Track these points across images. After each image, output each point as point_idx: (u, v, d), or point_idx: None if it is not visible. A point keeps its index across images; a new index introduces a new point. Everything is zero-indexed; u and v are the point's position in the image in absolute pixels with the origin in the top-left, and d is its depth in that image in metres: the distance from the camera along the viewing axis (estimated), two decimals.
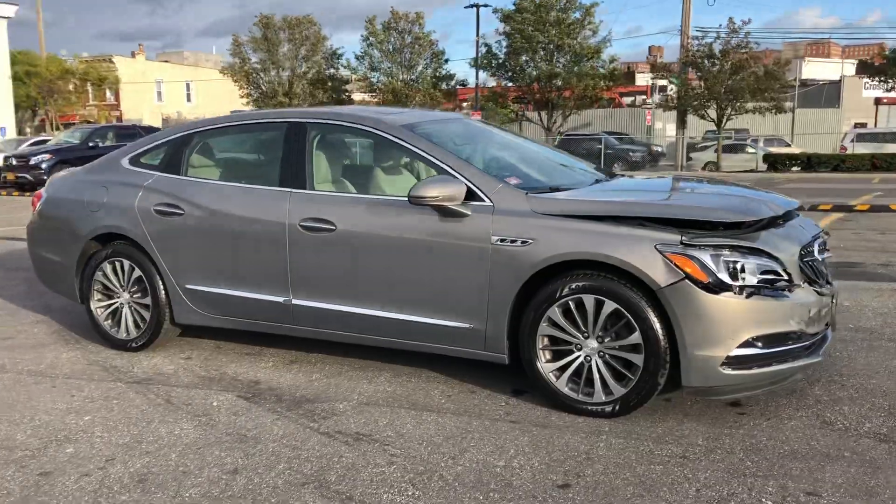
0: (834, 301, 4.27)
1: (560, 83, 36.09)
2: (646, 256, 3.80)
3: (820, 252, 4.29)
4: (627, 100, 59.66)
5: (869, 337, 5.40)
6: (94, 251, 5.37)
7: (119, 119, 60.74)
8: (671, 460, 3.51)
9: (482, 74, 41.30)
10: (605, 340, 3.94)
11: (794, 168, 29.75)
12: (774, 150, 33.07)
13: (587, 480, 3.33)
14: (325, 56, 41.92)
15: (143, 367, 5.01)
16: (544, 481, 3.32)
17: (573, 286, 3.95)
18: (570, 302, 3.97)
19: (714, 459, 3.51)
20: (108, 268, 5.29)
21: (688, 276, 3.74)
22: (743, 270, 3.77)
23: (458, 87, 42.87)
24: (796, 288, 3.91)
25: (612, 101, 46.27)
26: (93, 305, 5.41)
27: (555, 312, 4.01)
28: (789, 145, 35.25)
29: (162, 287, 5.12)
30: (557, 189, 4.46)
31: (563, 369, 4.06)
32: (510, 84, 38.58)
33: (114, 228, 5.24)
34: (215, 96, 62.56)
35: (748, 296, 3.75)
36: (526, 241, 4.05)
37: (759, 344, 3.82)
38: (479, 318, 4.20)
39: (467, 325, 4.24)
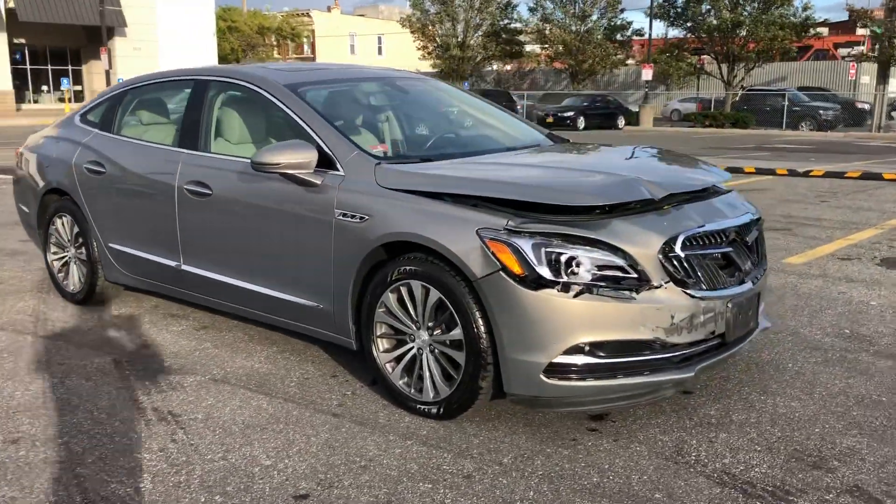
0: (738, 306, 3.49)
1: (745, 33, 33.37)
2: (466, 242, 3.29)
3: (730, 244, 3.53)
4: (843, 51, 54.08)
5: (831, 351, 4.46)
6: (49, 205, 5.52)
7: None
8: (449, 479, 3.03)
9: (659, 25, 39.03)
10: (435, 333, 3.49)
11: None
12: None
13: (333, 493, 2.95)
14: (499, 7, 41.33)
15: (66, 318, 5.11)
16: (287, 489, 2.99)
17: (402, 270, 3.52)
18: (401, 287, 3.54)
19: (495, 485, 3.00)
20: (58, 222, 5.42)
21: (503, 268, 3.19)
22: (572, 264, 3.16)
23: (632, 37, 40.80)
24: (653, 288, 3.23)
25: (804, 52, 42.17)
26: (49, 258, 5.59)
27: (388, 298, 3.59)
28: None
29: (94, 244, 5.17)
30: (429, 159, 3.98)
31: (398, 360, 3.65)
32: (689, 35, 36.19)
33: (56, 184, 5.35)
34: (405, 50, 63.88)
35: (577, 294, 3.14)
36: (363, 217, 3.65)
37: (600, 352, 3.21)
38: (327, 298, 3.87)
39: (317, 305, 3.92)
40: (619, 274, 3.20)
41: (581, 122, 32.02)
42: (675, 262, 3.29)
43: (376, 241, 3.59)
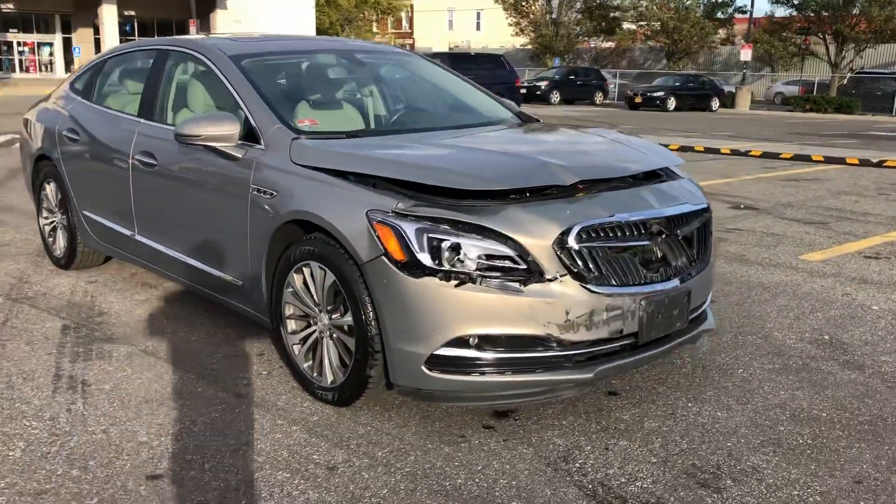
0: (655, 305, 3.20)
1: (857, 12, 31.44)
2: (356, 223, 3.14)
3: (651, 236, 3.25)
4: None
5: (795, 358, 4.07)
6: (41, 171, 5.65)
7: (412, 47, 63.97)
8: (311, 470, 2.91)
9: (763, 1, 37.16)
10: (333, 317, 3.36)
11: None
12: None
13: (188, 475, 2.88)
14: None
15: (43, 282, 5.22)
16: (147, 467, 2.93)
17: (302, 250, 3.40)
18: (304, 268, 3.43)
19: (354, 479, 2.86)
20: (47, 188, 5.55)
21: (385, 252, 3.03)
22: (455, 251, 2.97)
23: (734, 15, 39.01)
24: (546, 281, 3.00)
25: None
26: (40, 222, 5.74)
27: (293, 279, 3.49)
28: None
29: (72, 211, 5.26)
30: (355, 136, 3.83)
31: (304, 342, 3.55)
32: (794, 13, 34.34)
33: (43, 151, 5.46)
34: (504, 26, 63.34)
35: (459, 284, 2.95)
36: (272, 194, 3.55)
37: (486, 346, 3.02)
38: (246, 275, 3.80)
39: (238, 281, 3.86)
40: (507, 264, 2.99)
41: (671, 103, 30.95)
42: (573, 255, 3.04)
43: (282, 219, 3.49)
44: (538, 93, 33.14)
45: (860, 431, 3.22)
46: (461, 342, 3.01)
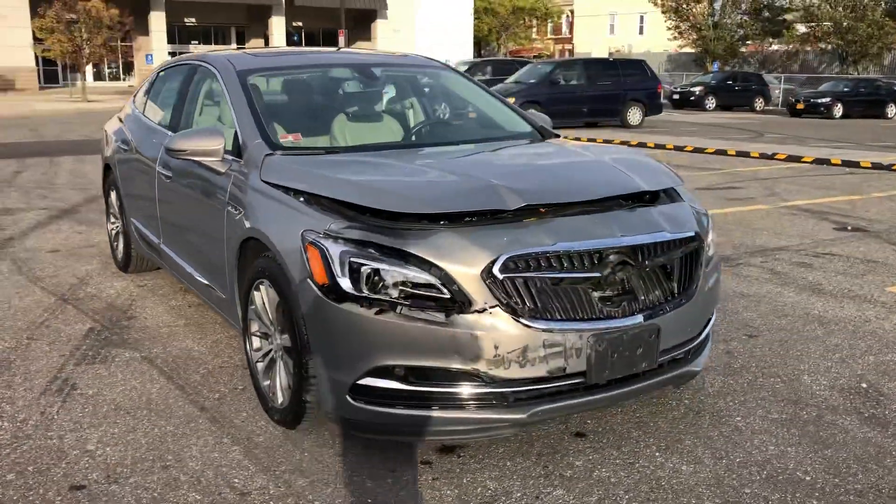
0: (609, 343, 2.91)
1: None
2: (292, 242, 3.08)
3: (616, 266, 2.96)
4: None
5: (810, 408, 3.57)
6: (107, 178, 5.99)
7: (570, 53, 63.31)
8: (224, 495, 2.87)
9: None
10: (282, 337, 3.31)
11: None
12: None
13: (110, 489, 2.91)
14: None
15: (99, 284, 5.52)
16: (75, 477, 3.00)
17: (257, 268, 3.38)
18: (260, 286, 3.40)
19: None
20: (111, 195, 5.88)
21: (310, 275, 2.94)
22: (376, 277, 2.83)
23: None
24: (475, 312, 2.80)
25: None
26: (108, 227, 6.08)
27: (254, 296, 3.47)
28: None
29: (125, 218, 5.53)
30: (334, 152, 3.77)
31: (264, 360, 3.52)
32: None
33: (106, 160, 5.79)
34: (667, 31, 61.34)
35: (379, 312, 2.81)
36: (240, 210, 3.55)
37: (412, 378, 2.87)
38: (227, 289, 3.82)
39: (223, 295, 3.89)
40: (431, 293, 2.81)
41: (837, 110, 28.68)
42: (504, 285, 2.81)
43: (244, 235, 3.48)
44: (692, 98, 31.76)
45: (841, 503, 2.78)
46: (385, 372, 2.86)
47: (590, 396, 2.99)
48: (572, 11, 63.39)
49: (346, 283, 2.85)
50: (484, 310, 2.80)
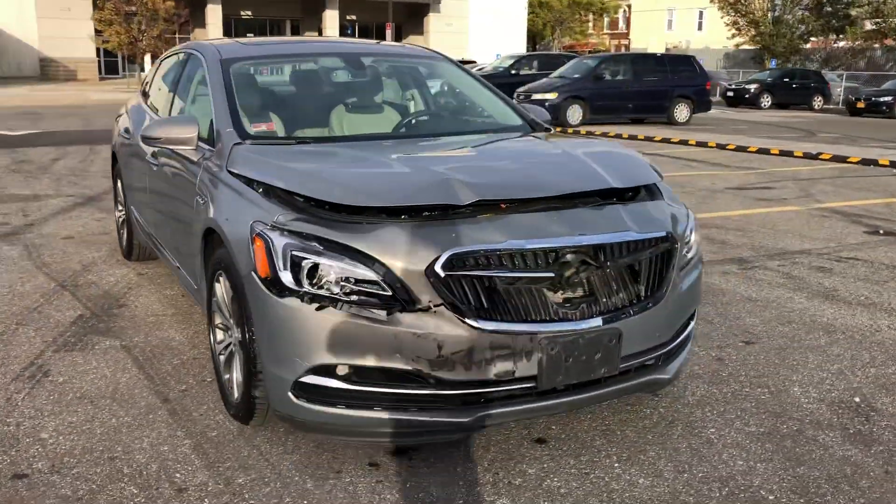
0: (563, 346, 2.77)
1: None
2: (242, 234, 3.00)
3: (560, 266, 2.80)
4: None
5: (792, 422, 3.35)
6: (114, 166, 6.03)
7: (626, 48, 62.43)
8: (162, 491, 2.82)
9: None
10: (237, 330, 3.24)
11: None
12: None
13: (50, 479, 2.89)
14: None
15: (101, 272, 5.55)
16: (20, 465, 2.98)
17: (216, 259, 3.32)
18: (219, 277, 3.34)
19: None
20: (118, 183, 5.91)
21: (255, 267, 2.87)
22: (317, 272, 2.74)
23: None
24: (418, 311, 2.69)
25: None
26: (116, 214, 6.12)
27: (214, 288, 3.41)
28: None
29: (126, 205, 5.55)
30: (304, 142, 3.69)
31: (224, 353, 3.46)
32: None
33: (112, 148, 5.82)
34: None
35: (320, 307, 2.72)
36: (205, 199, 3.50)
37: (355, 378, 2.77)
38: (196, 280, 3.78)
39: (195, 285, 3.85)
40: (372, 290, 2.70)
41: None
42: (448, 283, 2.69)
43: (204, 226, 3.42)
44: (746, 96, 30.94)
45: None
46: (326, 370, 2.77)
47: (542, 402, 2.85)
48: (629, 6, 62.41)
49: (287, 277, 2.76)
50: (428, 308, 2.69)
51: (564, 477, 2.89)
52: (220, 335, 3.48)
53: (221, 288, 3.31)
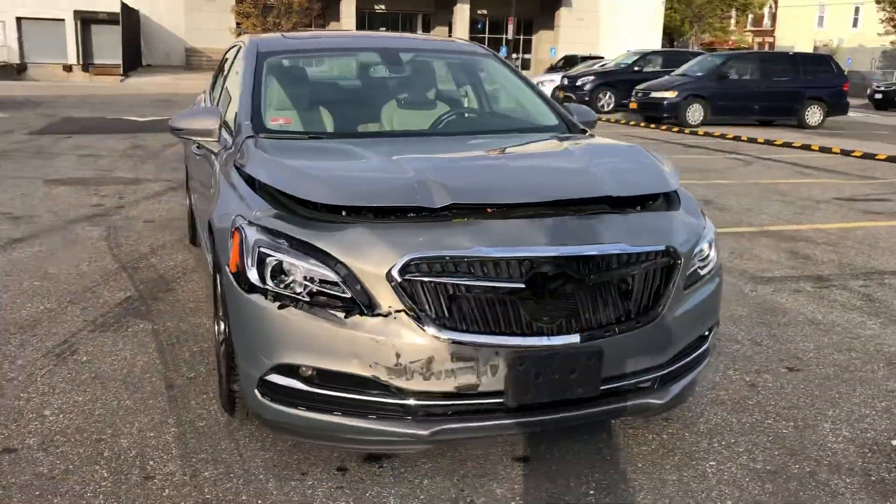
0: (533, 362, 2.61)
1: None
2: (227, 230, 3.01)
3: (550, 279, 2.65)
4: None
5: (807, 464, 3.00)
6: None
7: (770, 46, 59.56)
8: (129, 479, 2.86)
9: None
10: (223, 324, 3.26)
11: None
12: None
13: (40, 456, 2.99)
14: None
15: (163, 256, 5.75)
16: (12, 441, 3.10)
17: (215, 252, 3.34)
18: (216, 269, 3.36)
19: (126, 497, 2.75)
20: (187, 169, 6.12)
21: (228, 262, 2.87)
22: (281, 270, 2.70)
23: None
24: (378, 316, 2.60)
25: None
26: (186, 200, 6.34)
27: (215, 279, 3.44)
28: None
29: (189, 193, 5.74)
30: (318, 138, 3.66)
31: (222, 344, 3.48)
32: None
33: None
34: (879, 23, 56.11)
35: (282, 306, 2.68)
36: (214, 192, 3.54)
37: (317, 380, 2.72)
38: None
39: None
40: (333, 291, 2.64)
41: None
42: (410, 289, 2.58)
43: (207, 219, 3.46)
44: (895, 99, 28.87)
45: None
46: (289, 371, 2.72)
47: (512, 420, 2.70)
48: (776, 2, 59.41)
49: (253, 274, 2.74)
50: (389, 314, 2.59)
51: (530, 501, 2.73)
52: (221, 326, 3.50)
53: (218, 280, 3.33)
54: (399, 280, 2.55)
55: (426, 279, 2.58)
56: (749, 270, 5.70)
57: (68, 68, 40.40)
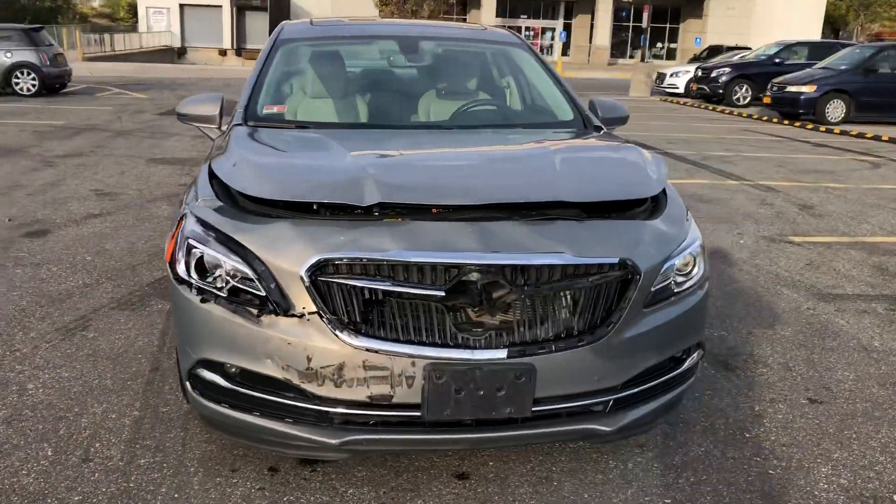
0: (454, 377, 2.43)
1: None
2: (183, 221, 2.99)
3: (457, 287, 2.46)
4: None
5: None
6: None
7: None
8: (104, 479, 2.91)
9: None
10: None
11: None
12: None
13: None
14: None
15: None
16: None
17: None
18: None
19: (84, 481, 2.78)
20: None
21: (166, 252, 2.85)
22: (202, 264, 2.64)
23: None
24: (291, 316, 2.49)
25: None
26: None
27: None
28: None
29: None
30: (304, 127, 3.58)
31: None
32: None
33: None
34: None
35: (203, 301, 2.63)
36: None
37: (239, 378, 2.65)
38: None
39: None
40: (249, 288, 2.55)
41: None
42: (322, 291, 2.46)
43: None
44: None
45: None
46: (214, 367, 2.66)
47: (426, 435, 2.53)
48: None
49: (181, 266, 2.69)
50: (302, 315, 2.48)
51: None
52: None
53: None
54: (306, 281, 2.43)
55: (341, 281, 2.44)
56: (818, 285, 5.17)
57: (223, 52, 42.70)
